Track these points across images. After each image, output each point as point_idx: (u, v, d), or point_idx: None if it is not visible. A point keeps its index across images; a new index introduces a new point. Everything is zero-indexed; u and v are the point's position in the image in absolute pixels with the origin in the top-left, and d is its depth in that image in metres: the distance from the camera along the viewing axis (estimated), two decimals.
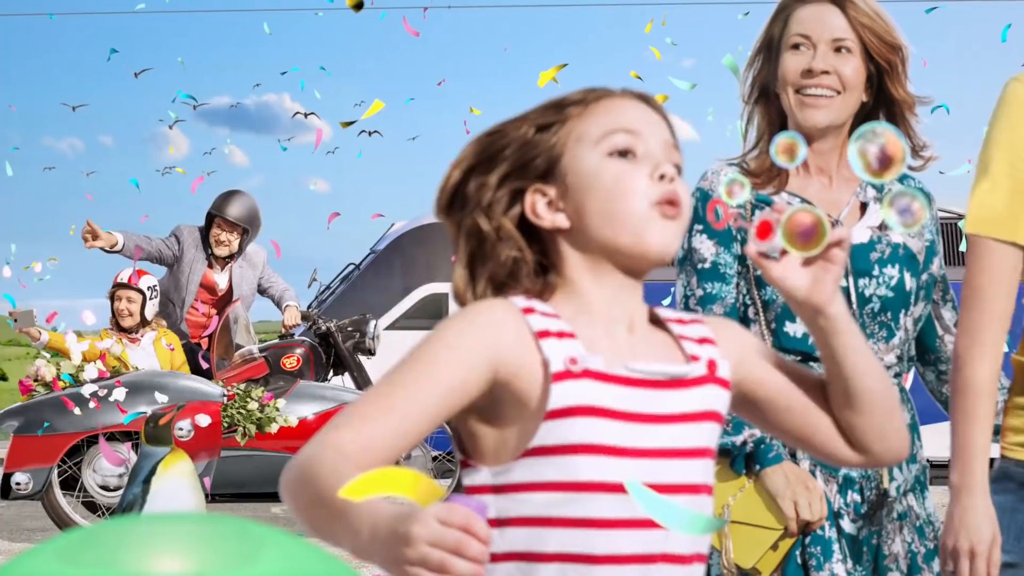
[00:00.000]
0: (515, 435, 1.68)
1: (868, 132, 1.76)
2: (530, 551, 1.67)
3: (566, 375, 1.66)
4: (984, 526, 2.44)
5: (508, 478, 1.68)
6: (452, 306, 1.81)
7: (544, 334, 1.69)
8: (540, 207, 1.76)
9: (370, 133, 14.69)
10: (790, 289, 1.75)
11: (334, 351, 8.76)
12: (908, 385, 3.02)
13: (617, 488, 1.65)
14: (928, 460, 3.09)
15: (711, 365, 1.78)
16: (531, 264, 1.75)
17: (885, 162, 1.74)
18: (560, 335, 1.69)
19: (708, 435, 1.75)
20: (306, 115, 15.09)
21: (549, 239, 1.78)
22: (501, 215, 1.75)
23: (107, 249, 8.50)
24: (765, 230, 1.74)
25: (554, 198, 1.76)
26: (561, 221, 1.76)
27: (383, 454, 1.63)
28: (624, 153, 1.75)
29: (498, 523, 1.66)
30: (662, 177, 1.74)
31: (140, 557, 1.09)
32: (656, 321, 1.83)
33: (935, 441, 4.32)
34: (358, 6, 2.41)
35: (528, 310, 1.71)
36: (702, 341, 1.80)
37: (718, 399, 1.77)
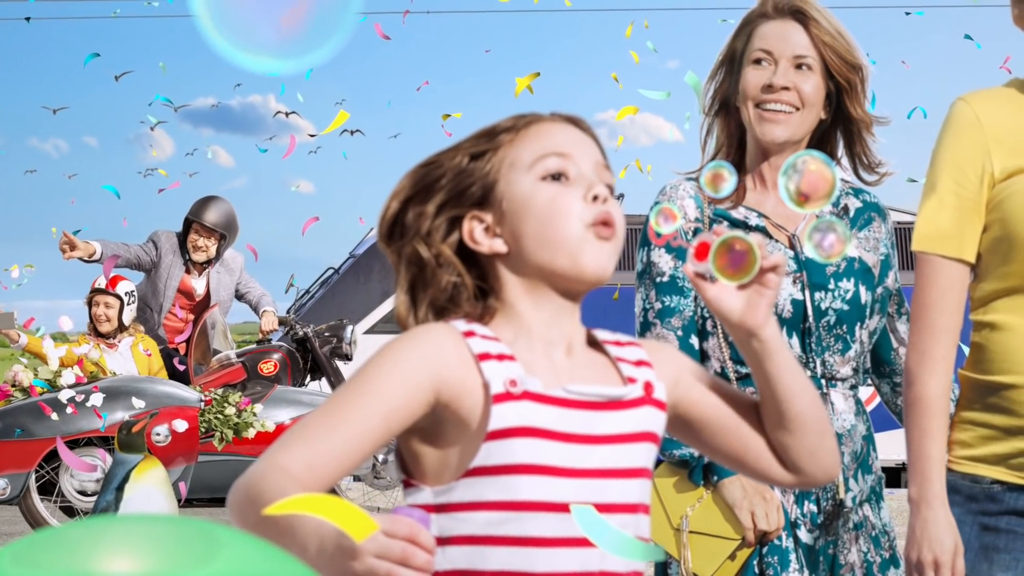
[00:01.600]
0: (456, 455, 1.72)
1: (797, 162, 1.79)
2: (471, 569, 1.70)
3: (506, 397, 1.70)
4: (946, 537, 2.48)
5: (450, 497, 1.71)
6: None
7: (484, 356, 1.72)
8: (478, 233, 1.80)
9: (352, 132, 14.70)
10: (724, 311, 1.79)
11: (311, 356, 8.78)
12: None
13: (556, 507, 1.69)
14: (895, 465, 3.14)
15: (648, 387, 1.81)
16: (471, 289, 1.79)
17: (809, 194, 1.77)
18: (500, 357, 1.73)
19: (645, 455, 1.78)
20: (287, 114, 15.08)
21: (488, 264, 1.82)
22: (440, 242, 1.79)
23: (85, 259, 8.50)
24: (703, 251, 1.77)
25: (491, 224, 1.80)
26: (499, 246, 1.80)
27: (328, 474, 1.66)
28: (557, 176, 1.79)
29: (440, 542, 1.69)
30: (595, 198, 1.78)
31: (93, 558, 1.10)
32: (594, 343, 1.86)
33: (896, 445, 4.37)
34: None
35: (469, 333, 1.75)
36: (639, 363, 1.84)
37: (654, 420, 1.80)
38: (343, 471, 1.68)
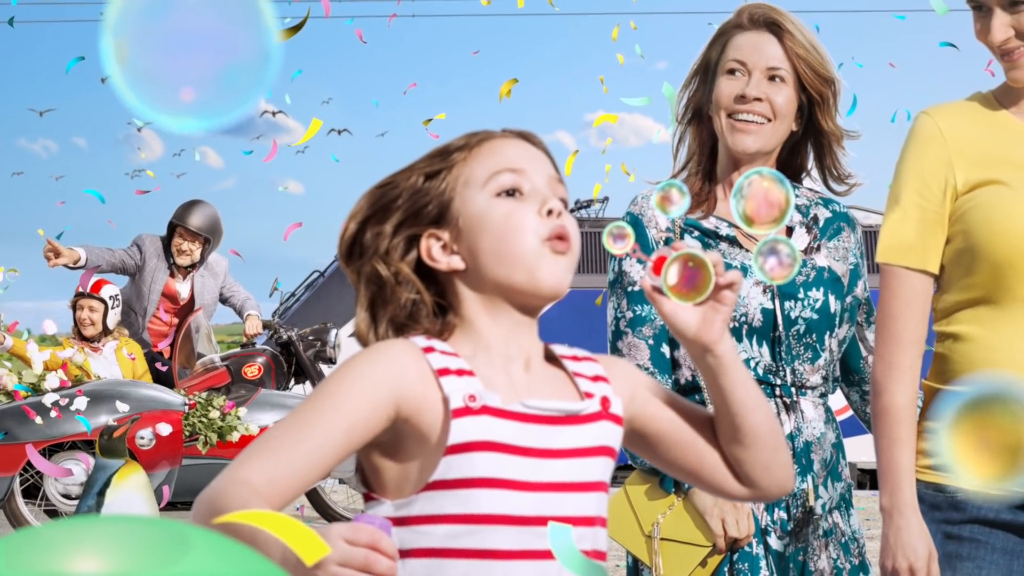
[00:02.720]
0: (416, 469, 1.74)
1: (745, 186, 1.80)
2: None
3: (465, 411, 1.72)
4: (919, 544, 2.50)
5: (410, 511, 1.73)
6: None
7: (444, 372, 1.75)
8: (435, 251, 1.83)
9: (339, 132, 14.70)
10: (679, 327, 1.81)
11: (295, 359, 8.80)
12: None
13: (515, 520, 1.71)
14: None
15: (604, 402, 1.84)
16: (430, 305, 1.82)
17: (756, 218, 1.79)
18: (459, 373, 1.75)
19: (602, 469, 1.81)
20: (274, 114, 15.08)
21: (446, 281, 1.85)
22: (398, 261, 1.82)
23: (71, 265, 8.51)
24: (660, 266, 1.79)
25: (448, 241, 1.83)
26: (456, 263, 1.82)
27: (289, 487, 1.68)
28: (511, 192, 1.82)
29: (400, 554, 1.71)
30: (550, 212, 1.81)
31: (59, 558, 1.10)
32: (551, 358, 1.89)
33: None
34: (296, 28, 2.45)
35: (428, 349, 1.77)
36: (596, 378, 1.86)
37: (611, 435, 1.83)
38: (305, 485, 1.71)
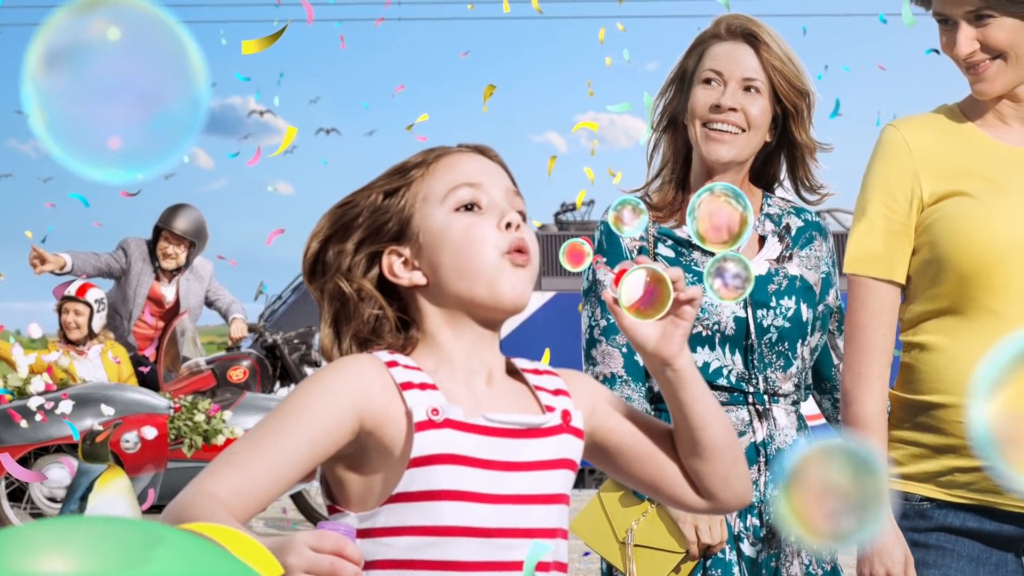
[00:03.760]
0: (380, 482, 1.77)
1: (697, 207, 1.80)
2: None
3: (428, 425, 1.75)
4: (896, 550, 2.53)
5: (374, 523, 1.76)
6: None
7: (407, 386, 1.77)
8: (397, 267, 1.86)
9: (327, 132, 14.69)
10: (639, 340, 1.83)
11: (281, 363, 8.81)
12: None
13: (478, 532, 1.74)
14: None
15: (565, 415, 1.86)
16: (392, 320, 1.85)
17: (707, 238, 1.80)
18: (422, 386, 1.78)
19: (563, 482, 1.83)
20: (261, 113, 15.06)
21: (408, 296, 1.87)
22: (361, 277, 1.85)
23: (57, 271, 8.51)
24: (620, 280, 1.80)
25: (409, 257, 1.86)
26: (418, 278, 1.85)
27: (255, 500, 1.70)
28: (470, 207, 1.85)
29: (364, 566, 1.73)
30: (508, 225, 1.83)
31: (28, 558, 1.11)
32: (513, 372, 1.91)
33: None
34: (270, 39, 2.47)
35: (392, 363, 1.80)
36: (557, 392, 1.89)
37: (572, 448, 1.85)
38: (270, 497, 1.73)
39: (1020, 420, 1.50)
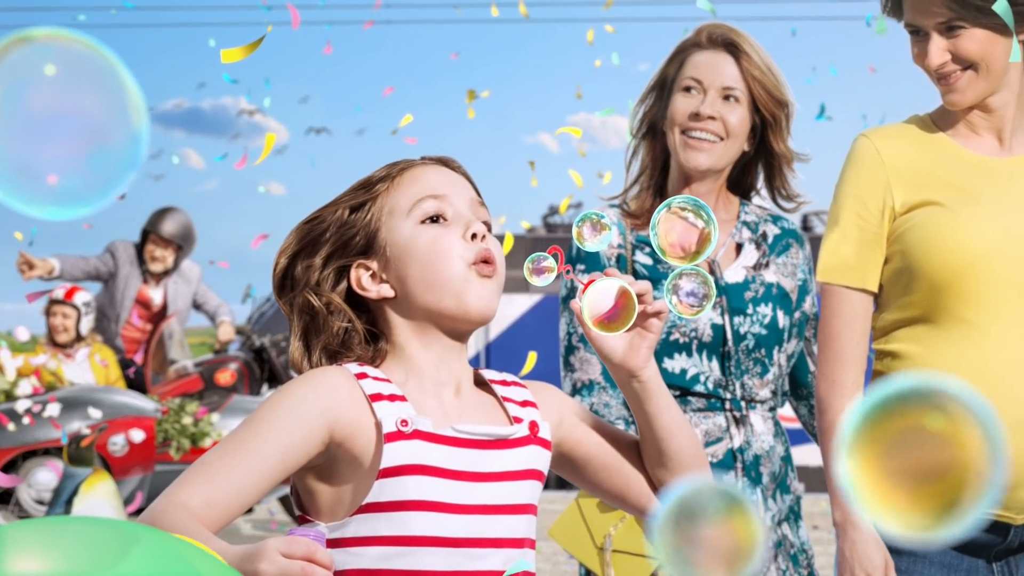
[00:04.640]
0: (350, 492, 1.79)
1: (658, 224, 1.79)
2: None
3: (398, 436, 1.77)
4: (875, 554, 2.54)
5: (344, 533, 1.78)
6: None
7: (377, 397, 1.79)
8: (365, 280, 1.88)
9: (317, 131, 14.66)
10: (606, 352, 1.85)
11: (268, 366, 8.83)
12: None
13: (446, 542, 1.76)
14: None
15: (533, 426, 1.88)
16: (362, 333, 1.87)
17: (669, 253, 1.81)
18: (392, 398, 1.80)
19: (530, 492, 1.85)
20: (251, 113, 15.03)
21: (377, 309, 1.89)
22: (329, 291, 1.87)
23: (45, 277, 8.52)
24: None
25: (377, 270, 1.88)
26: (386, 291, 1.87)
27: (226, 510, 1.72)
28: (435, 218, 1.87)
29: (335, 575, 1.76)
30: (474, 236, 1.85)
31: (5, 557, 1.13)
32: (481, 383, 1.93)
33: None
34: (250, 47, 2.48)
35: (361, 375, 1.82)
36: (524, 404, 1.91)
37: (539, 459, 1.87)
38: (241, 507, 1.75)
39: (882, 474, 1.46)
